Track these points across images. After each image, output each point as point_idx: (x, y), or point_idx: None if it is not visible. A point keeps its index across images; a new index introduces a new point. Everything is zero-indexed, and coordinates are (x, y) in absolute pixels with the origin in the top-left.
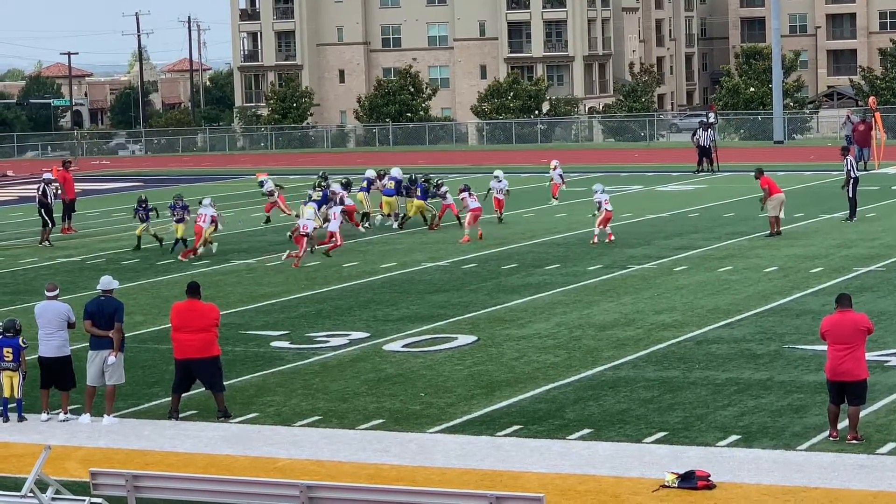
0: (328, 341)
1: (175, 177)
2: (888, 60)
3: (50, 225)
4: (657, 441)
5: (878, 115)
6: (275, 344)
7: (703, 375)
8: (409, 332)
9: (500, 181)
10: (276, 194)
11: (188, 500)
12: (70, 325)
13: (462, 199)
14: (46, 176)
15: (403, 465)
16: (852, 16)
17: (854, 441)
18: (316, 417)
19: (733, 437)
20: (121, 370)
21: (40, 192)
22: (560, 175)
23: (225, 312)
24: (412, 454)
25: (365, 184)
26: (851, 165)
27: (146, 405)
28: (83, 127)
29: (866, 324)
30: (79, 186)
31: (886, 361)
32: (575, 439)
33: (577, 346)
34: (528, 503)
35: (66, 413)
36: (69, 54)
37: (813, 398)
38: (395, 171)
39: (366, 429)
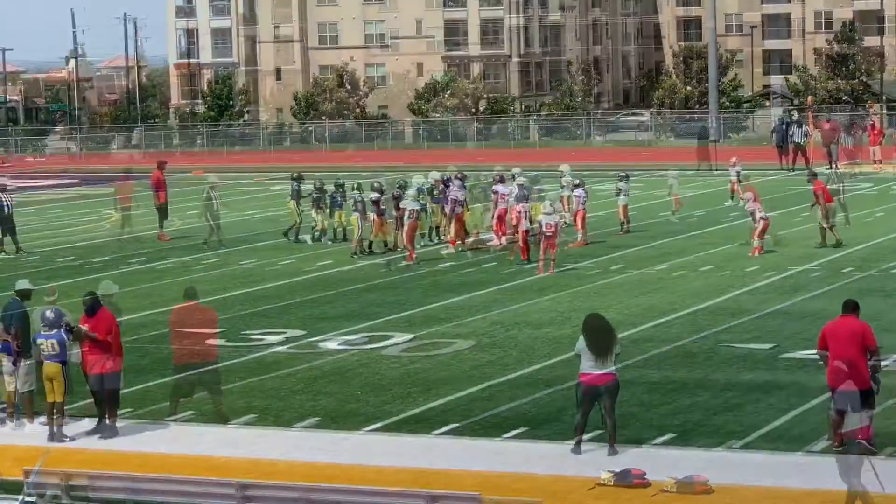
0: (264, 339)
1: (110, 174)
2: (823, 60)
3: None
4: (593, 439)
5: (810, 114)
6: (210, 342)
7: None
8: (345, 331)
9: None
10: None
11: (124, 500)
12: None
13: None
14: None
15: (339, 463)
16: (788, 16)
17: (862, 442)
18: (251, 416)
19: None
20: (32, 377)
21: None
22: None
23: (158, 311)
24: (347, 453)
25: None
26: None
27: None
28: (18, 124)
29: (865, 332)
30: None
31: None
32: (510, 438)
33: (513, 344)
34: (463, 502)
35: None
36: (3, 50)
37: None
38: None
39: (301, 427)
